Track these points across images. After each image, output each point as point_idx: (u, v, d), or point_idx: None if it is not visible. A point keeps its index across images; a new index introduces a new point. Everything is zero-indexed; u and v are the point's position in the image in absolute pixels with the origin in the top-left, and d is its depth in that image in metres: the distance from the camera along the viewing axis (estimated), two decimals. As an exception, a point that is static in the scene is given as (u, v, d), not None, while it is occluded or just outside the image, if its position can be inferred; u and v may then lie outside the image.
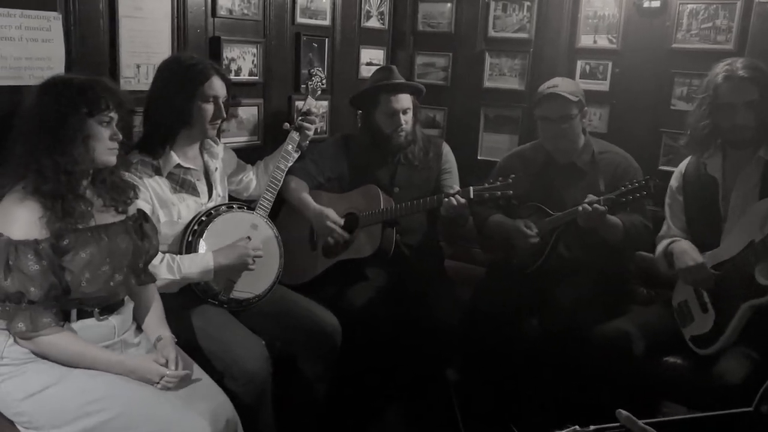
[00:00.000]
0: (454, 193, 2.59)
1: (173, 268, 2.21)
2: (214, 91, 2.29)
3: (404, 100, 2.83)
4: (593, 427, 1.18)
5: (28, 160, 1.74)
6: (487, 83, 3.53)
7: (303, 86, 2.92)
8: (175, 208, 2.30)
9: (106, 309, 1.90)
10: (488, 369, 2.73)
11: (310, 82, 2.84)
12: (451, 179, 2.96)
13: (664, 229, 2.58)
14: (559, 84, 2.70)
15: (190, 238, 2.30)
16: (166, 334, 1.99)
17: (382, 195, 2.80)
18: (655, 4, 3.03)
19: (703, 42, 2.96)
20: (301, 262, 2.86)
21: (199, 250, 2.30)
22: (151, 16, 2.52)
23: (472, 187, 2.59)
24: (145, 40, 2.50)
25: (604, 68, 3.21)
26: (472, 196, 2.58)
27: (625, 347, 2.36)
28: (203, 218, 2.34)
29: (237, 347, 2.19)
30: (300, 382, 2.49)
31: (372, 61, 3.57)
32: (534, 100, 2.78)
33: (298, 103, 2.94)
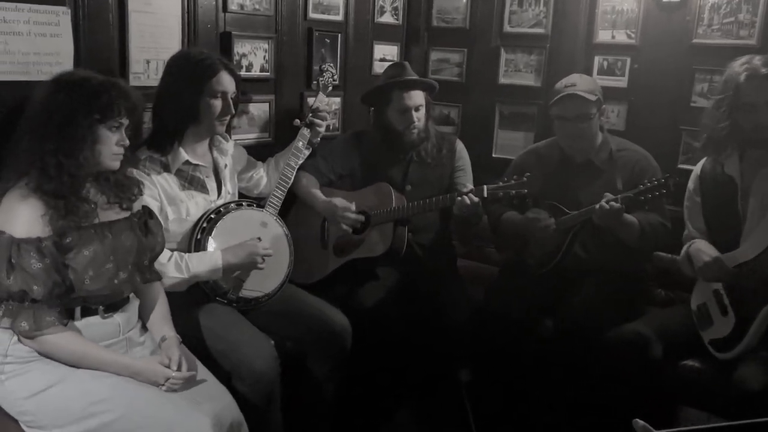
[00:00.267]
0: (468, 191, 2.55)
1: (181, 267, 2.19)
2: (222, 87, 2.26)
3: (417, 97, 2.79)
4: None
5: (33, 157, 1.72)
6: (502, 79, 3.48)
7: (314, 82, 2.89)
8: (183, 206, 2.28)
9: (110, 307, 1.88)
10: (500, 369, 2.71)
11: (322, 78, 2.81)
12: (465, 177, 2.91)
13: (685, 232, 2.53)
14: (577, 82, 2.65)
15: (198, 236, 2.29)
16: (171, 334, 1.97)
17: (394, 193, 2.77)
18: (676, -1, 2.97)
19: (725, 37, 2.89)
20: (312, 260, 2.84)
21: (208, 248, 2.28)
22: (161, 11, 2.50)
23: (486, 186, 2.55)
24: (155, 36, 2.48)
25: (623, 64, 3.16)
26: (486, 195, 2.54)
27: (642, 350, 2.32)
28: (212, 216, 2.32)
29: (245, 347, 2.17)
30: (309, 382, 2.47)
31: (385, 57, 3.54)
32: (550, 99, 2.73)
33: (310, 100, 2.91)
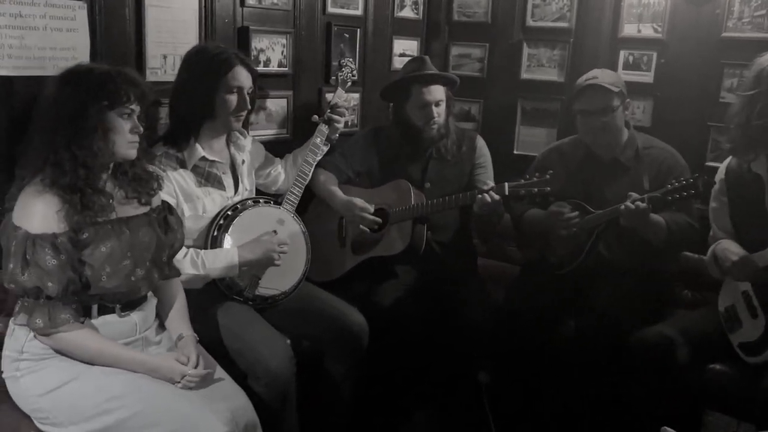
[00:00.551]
0: (488, 189, 2.50)
1: (197, 263, 2.17)
2: (238, 82, 2.23)
3: (437, 92, 2.75)
4: None
5: (47, 152, 1.71)
6: (524, 75, 3.43)
7: (333, 78, 2.86)
8: (200, 202, 2.27)
9: (127, 305, 1.87)
10: (521, 370, 2.68)
11: (340, 73, 2.78)
12: (486, 174, 2.87)
13: (711, 233, 2.47)
14: (598, 75, 2.60)
15: (215, 233, 2.27)
16: (188, 333, 1.96)
17: (413, 190, 2.73)
18: (704, -9, 2.90)
19: (756, 30, 2.81)
20: (329, 258, 2.82)
21: (225, 245, 2.26)
22: (178, 6, 2.49)
23: (507, 183, 2.51)
24: (172, 30, 2.47)
25: (649, 59, 3.09)
26: (507, 193, 2.49)
27: (668, 353, 2.27)
28: (229, 212, 2.30)
29: (260, 346, 2.15)
30: (326, 382, 2.45)
31: (405, 52, 3.51)
32: (572, 94, 2.67)
33: (329, 96, 2.89)
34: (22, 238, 1.66)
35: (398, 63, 3.39)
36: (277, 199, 2.53)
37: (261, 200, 2.43)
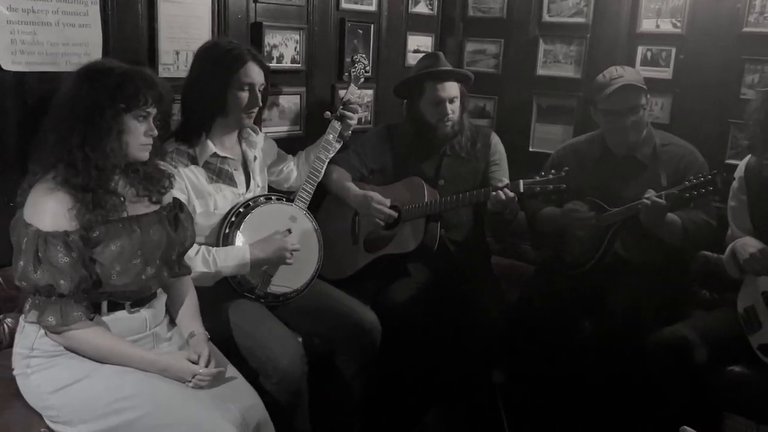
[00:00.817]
0: (503, 186, 2.47)
1: (208, 261, 2.16)
2: (250, 79, 2.22)
3: (451, 89, 2.72)
4: None
5: (60, 150, 1.70)
6: (540, 71, 3.40)
7: (346, 74, 2.85)
8: (211, 199, 2.25)
9: (137, 302, 1.86)
10: (535, 370, 2.65)
11: (353, 70, 2.76)
12: (500, 172, 2.84)
13: (729, 233, 2.43)
14: (623, 74, 2.55)
15: (227, 230, 2.26)
16: (200, 330, 1.95)
17: (427, 188, 2.71)
18: (725, -15, 2.85)
19: (778, 25, 2.76)
20: (342, 256, 2.80)
21: (236, 243, 2.25)
22: (191, 1, 2.49)
23: (522, 181, 2.47)
24: (185, 26, 2.47)
25: (667, 54, 3.04)
26: (522, 190, 2.46)
27: (685, 354, 2.24)
28: (241, 210, 2.29)
29: (272, 344, 2.14)
30: (337, 380, 2.44)
31: (419, 48, 3.49)
32: (595, 94, 2.63)
33: (342, 92, 2.87)
34: (34, 236, 1.66)
35: (412, 59, 3.37)
36: (289, 196, 2.51)
37: (273, 197, 2.42)
